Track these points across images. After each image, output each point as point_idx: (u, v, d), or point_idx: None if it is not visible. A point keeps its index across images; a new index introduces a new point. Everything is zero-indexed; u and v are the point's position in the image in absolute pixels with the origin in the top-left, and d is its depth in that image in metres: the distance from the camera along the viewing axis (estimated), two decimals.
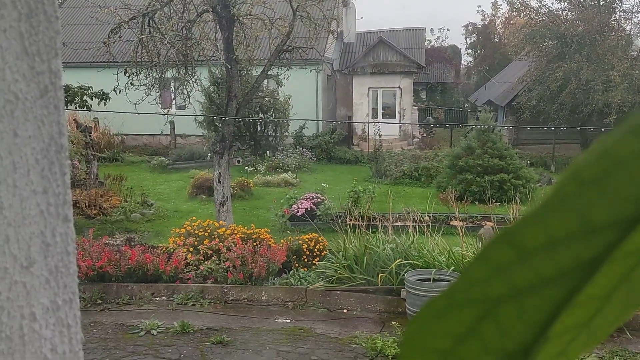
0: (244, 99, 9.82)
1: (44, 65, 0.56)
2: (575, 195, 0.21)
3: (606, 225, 0.21)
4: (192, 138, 20.38)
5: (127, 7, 9.01)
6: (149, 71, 9.20)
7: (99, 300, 7.27)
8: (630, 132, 0.20)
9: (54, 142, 0.57)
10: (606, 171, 0.20)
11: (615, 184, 0.21)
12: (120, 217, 11.17)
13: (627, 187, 0.21)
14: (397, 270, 7.08)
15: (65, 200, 0.59)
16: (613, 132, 0.21)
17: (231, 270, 7.37)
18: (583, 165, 0.21)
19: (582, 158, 0.21)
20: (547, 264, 0.22)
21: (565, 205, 0.21)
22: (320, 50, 16.93)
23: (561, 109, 17.95)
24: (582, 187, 0.21)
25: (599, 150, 0.21)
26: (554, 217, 0.21)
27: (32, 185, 0.55)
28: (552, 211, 0.21)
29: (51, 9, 0.57)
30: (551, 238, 0.22)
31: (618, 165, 0.20)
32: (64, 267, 0.60)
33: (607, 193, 0.21)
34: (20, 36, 0.53)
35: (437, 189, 13.42)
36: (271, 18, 9.59)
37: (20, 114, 0.53)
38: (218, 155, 9.54)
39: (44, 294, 0.56)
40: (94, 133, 15.25)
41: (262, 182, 15.43)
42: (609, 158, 0.20)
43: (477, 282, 0.23)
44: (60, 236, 0.58)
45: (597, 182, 0.21)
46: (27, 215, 0.54)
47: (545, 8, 19.58)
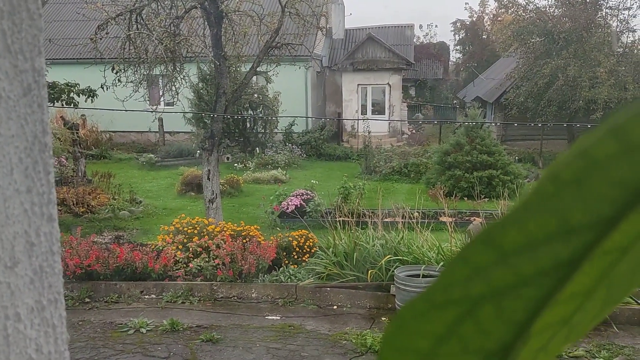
0: (233, 95, 9.78)
1: (27, 64, 0.55)
2: (554, 196, 0.21)
3: (584, 226, 0.21)
4: (181, 135, 20.27)
5: (114, 2, 8.92)
6: (136, 68, 9.13)
7: (87, 298, 7.22)
8: (608, 133, 0.20)
9: (37, 141, 0.57)
10: (584, 172, 0.21)
11: (593, 185, 0.21)
12: (109, 214, 11.09)
13: (605, 188, 0.21)
14: (387, 267, 7.10)
15: (49, 200, 0.59)
16: (592, 133, 0.21)
17: (221, 268, 7.35)
18: (561, 166, 0.21)
19: (560, 159, 0.21)
20: (527, 264, 0.22)
21: (543, 206, 0.21)
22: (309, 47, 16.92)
23: (548, 105, 18.09)
24: (560, 188, 0.21)
25: (578, 151, 0.21)
26: (533, 218, 0.22)
27: (16, 185, 0.54)
28: (530, 212, 0.22)
29: (34, 6, 0.56)
30: (530, 239, 0.22)
31: (596, 166, 0.20)
32: (48, 266, 0.59)
33: (585, 194, 0.21)
34: (3, 34, 0.53)
35: (426, 185, 13.47)
36: (260, 14, 9.55)
37: (3, 113, 0.52)
38: (207, 152, 9.50)
39: (28, 294, 0.56)
40: (81, 130, 15.10)
41: (252, 179, 15.40)
42: (587, 159, 0.21)
43: (456, 283, 0.23)
44: (45, 236, 0.58)
45: (576, 183, 0.21)
46: (11, 214, 0.53)
47: (533, 5, 19.72)
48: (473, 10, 41.47)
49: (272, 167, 16.76)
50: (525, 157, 18.18)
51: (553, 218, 0.21)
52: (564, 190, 0.21)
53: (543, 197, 0.21)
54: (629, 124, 0.20)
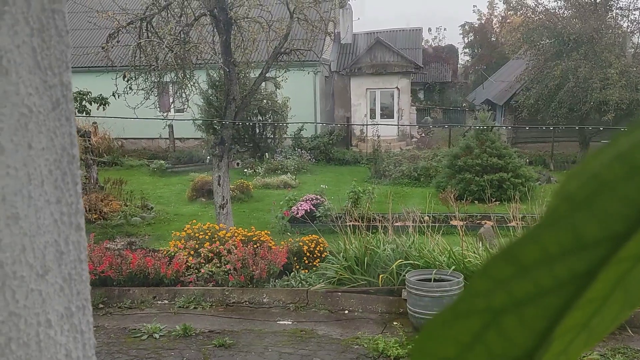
0: (242, 101, 9.84)
1: (55, 79, 0.57)
2: (568, 215, 0.24)
3: (598, 241, 0.24)
4: (191, 141, 20.39)
5: (125, 11, 9.02)
6: (147, 75, 9.22)
7: (101, 304, 7.28)
8: (616, 158, 0.23)
9: (66, 153, 0.59)
10: (595, 193, 0.23)
11: (604, 204, 0.23)
12: (121, 221, 11.17)
13: (616, 206, 0.23)
14: (398, 271, 7.09)
15: (77, 209, 0.61)
16: (601, 157, 0.23)
17: (232, 273, 7.38)
18: (574, 188, 0.24)
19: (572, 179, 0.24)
20: (545, 276, 0.24)
21: (558, 224, 0.24)
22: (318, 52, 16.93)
23: (559, 107, 17.97)
24: (573, 208, 0.23)
25: (589, 173, 0.23)
26: (549, 235, 0.24)
27: (46, 196, 0.56)
28: (546, 230, 0.24)
29: (62, 23, 0.58)
30: (547, 254, 0.24)
31: (606, 187, 0.23)
32: (77, 274, 0.61)
33: (598, 212, 0.23)
34: (33, 51, 0.55)
35: (436, 188, 13.43)
36: (268, 21, 9.61)
37: (34, 127, 0.55)
38: (217, 158, 9.55)
39: (58, 301, 0.58)
40: (93, 138, 15.25)
41: (262, 184, 15.44)
42: (597, 181, 0.23)
43: (480, 294, 0.25)
44: (73, 244, 0.60)
45: (587, 202, 0.23)
46: (42, 224, 0.55)
47: (542, 7, 19.62)
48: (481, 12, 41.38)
49: (281, 172, 16.79)
50: (536, 159, 18.06)
51: (568, 234, 0.24)
52: (577, 210, 0.23)
53: (558, 216, 0.24)
54: (635, 149, 0.22)
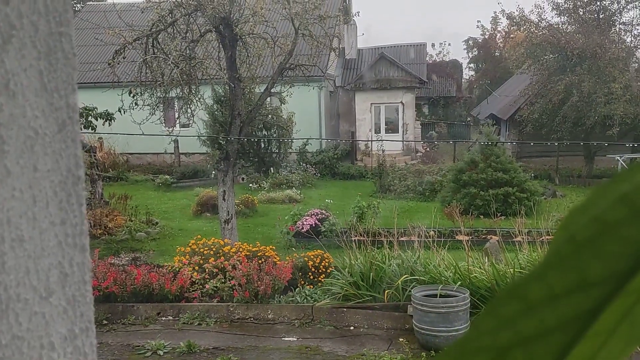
0: (247, 116, 9.88)
1: (62, 101, 0.58)
2: (572, 255, 0.24)
3: (602, 280, 0.24)
4: (196, 156, 20.45)
5: (132, 28, 9.12)
6: (153, 91, 9.29)
7: (105, 320, 7.25)
8: (618, 200, 0.24)
9: (71, 175, 0.59)
10: (599, 234, 0.24)
11: (608, 245, 0.24)
12: (126, 236, 11.18)
13: (619, 247, 0.24)
14: (404, 286, 7.05)
15: (82, 231, 0.61)
16: (602, 197, 0.24)
17: (237, 289, 7.35)
18: (577, 229, 0.24)
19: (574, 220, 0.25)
20: (551, 314, 0.25)
21: (563, 264, 0.25)
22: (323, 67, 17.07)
23: (564, 121, 17.95)
24: (577, 248, 0.24)
25: (591, 215, 0.24)
26: (554, 274, 0.25)
27: (51, 217, 0.56)
28: (551, 269, 0.25)
29: (69, 46, 0.59)
30: (552, 292, 0.25)
31: (609, 229, 0.24)
32: (80, 296, 0.61)
33: (601, 253, 0.24)
34: (40, 74, 0.55)
35: (441, 203, 13.39)
36: (273, 37, 9.69)
37: (40, 149, 0.55)
38: (222, 173, 9.57)
39: (62, 323, 0.57)
40: (98, 153, 15.33)
41: (267, 199, 15.45)
42: (600, 223, 0.24)
43: (486, 332, 0.26)
44: (78, 266, 0.60)
45: (591, 243, 0.24)
46: (46, 246, 0.55)
47: (545, 22, 19.70)
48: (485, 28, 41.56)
49: (286, 187, 16.80)
50: (541, 173, 18.01)
51: (573, 274, 0.24)
52: (581, 250, 0.24)
53: (562, 256, 0.25)
54: (638, 192, 0.23)
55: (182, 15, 8.95)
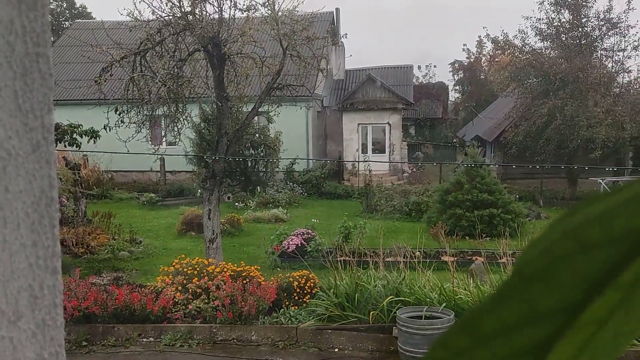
0: (234, 135, 9.88)
1: (37, 122, 0.57)
2: (523, 287, 0.25)
3: (553, 312, 0.25)
4: (183, 174, 20.33)
5: (119, 46, 9.12)
6: (139, 109, 9.26)
7: (85, 342, 7.10)
8: (566, 234, 0.24)
9: (44, 196, 0.58)
10: (548, 267, 0.25)
11: (557, 277, 0.25)
12: (108, 255, 11.02)
13: (568, 279, 0.25)
14: (389, 308, 7.01)
15: (54, 253, 0.60)
16: (551, 232, 0.25)
17: (220, 309, 7.26)
18: (525, 262, 0.25)
19: (524, 255, 0.26)
20: (503, 346, 0.25)
21: (514, 296, 0.25)
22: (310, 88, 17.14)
23: (547, 144, 18.21)
24: (527, 280, 0.25)
25: (539, 249, 0.25)
26: (505, 306, 0.25)
27: (22, 239, 0.55)
28: (502, 302, 0.25)
29: (45, 67, 0.58)
30: (504, 325, 0.25)
31: (556, 261, 0.25)
32: (51, 319, 0.60)
33: (551, 285, 0.25)
34: (15, 94, 0.55)
35: (427, 223, 13.43)
36: (262, 57, 9.75)
37: (12, 170, 0.54)
38: (208, 192, 9.53)
39: (30, 347, 0.56)
40: (83, 170, 15.19)
41: (253, 218, 15.38)
42: (549, 256, 0.25)
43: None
44: (48, 289, 0.59)
45: (541, 276, 0.25)
46: (16, 269, 0.54)
47: (529, 47, 20.09)
48: (470, 51, 42.24)
49: (273, 206, 16.75)
50: (526, 195, 18.17)
51: (524, 306, 0.25)
52: (531, 283, 0.25)
53: (512, 289, 0.25)
54: (582, 227, 0.24)
55: (170, 35, 8.98)
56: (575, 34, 19.39)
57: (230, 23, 9.16)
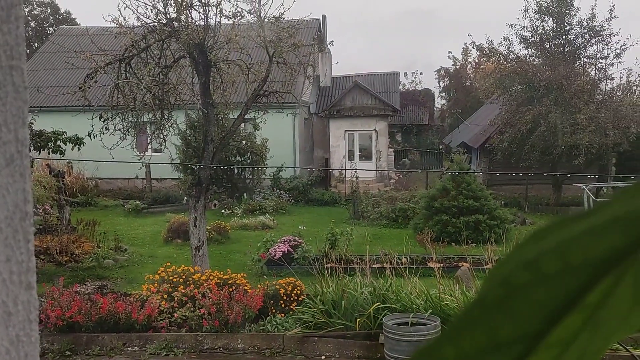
0: (220, 142, 9.85)
1: (10, 135, 0.56)
2: (481, 317, 0.25)
3: (512, 340, 0.25)
4: (168, 181, 20.21)
5: (104, 52, 9.06)
6: (124, 116, 9.20)
7: (68, 351, 7.00)
8: (521, 266, 0.25)
9: (18, 210, 0.57)
10: (506, 297, 0.25)
11: (515, 307, 0.25)
12: (93, 263, 10.90)
13: (525, 308, 0.25)
14: (375, 314, 7.01)
15: (28, 268, 0.59)
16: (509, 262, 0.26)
17: (206, 318, 7.21)
18: (485, 292, 0.26)
19: (485, 285, 0.26)
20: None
21: (473, 326, 0.25)
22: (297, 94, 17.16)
23: (532, 150, 18.41)
24: (486, 310, 0.25)
25: (499, 279, 0.25)
26: (465, 335, 0.25)
27: None
28: (462, 331, 0.25)
29: (20, 80, 0.58)
30: (463, 354, 0.25)
31: (515, 291, 0.25)
32: (25, 335, 0.59)
33: (509, 314, 0.25)
34: None
35: (413, 230, 13.47)
36: (248, 63, 9.74)
37: None
38: (194, 199, 9.47)
39: None
40: (67, 177, 15.03)
41: (239, 225, 15.31)
42: (507, 286, 0.25)
43: None
44: (23, 304, 0.58)
45: (499, 306, 0.25)
46: None
47: (513, 54, 20.32)
48: (456, 58, 42.62)
49: (259, 213, 16.70)
50: (511, 201, 18.32)
51: (483, 335, 0.25)
52: (490, 312, 0.25)
53: (472, 318, 0.25)
54: (540, 257, 0.25)
55: (155, 41, 8.95)
56: (558, 41, 19.66)
57: (216, 30, 9.14)
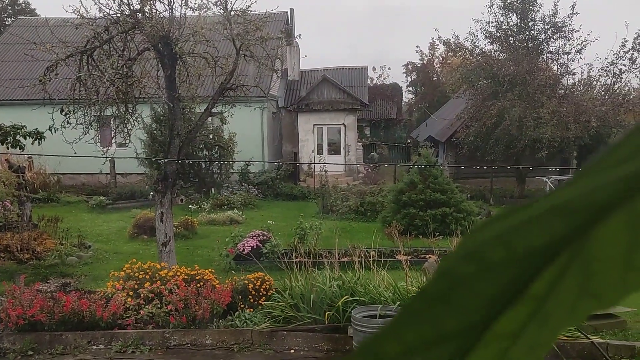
0: (187, 136, 9.70)
1: None
2: (425, 310, 0.25)
3: (458, 331, 0.25)
4: (134, 176, 19.85)
5: (65, 44, 8.80)
6: (86, 109, 8.96)
7: (30, 351, 6.82)
8: (463, 257, 0.25)
9: None
10: (449, 289, 0.25)
11: (458, 298, 0.25)
12: (55, 261, 10.62)
13: (469, 299, 0.25)
14: (344, 308, 7.04)
15: None
16: (451, 257, 0.25)
17: (173, 314, 7.11)
18: (427, 285, 0.25)
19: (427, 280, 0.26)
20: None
21: (417, 319, 0.25)
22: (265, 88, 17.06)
23: (497, 144, 18.77)
24: (429, 303, 0.25)
25: (440, 271, 0.25)
26: (409, 329, 0.25)
27: None
28: (405, 324, 0.25)
29: None
30: (408, 347, 0.25)
31: (458, 282, 0.25)
32: None
33: (453, 306, 0.25)
34: None
35: (382, 223, 13.58)
36: (214, 56, 9.60)
37: None
38: (160, 194, 9.31)
39: None
40: (27, 173, 14.58)
41: (207, 220, 15.16)
42: (450, 278, 0.25)
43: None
44: None
45: (442, 298, 0.25)
46: None
47: (479, 49, 20.63)
48: (423, 53, 42.97)
49: (228, 208, 16.56)
50: (476, 194, 18.65)
51: (427, 327, 0.25)
52: (433, 304, 0.25)
53: (415, 311, 0.25)
54: (483, 248, 0.24)
55: (118, 33, 8.73)
56: (522, 37, 20.05)
57: (181, 22, 8.98)
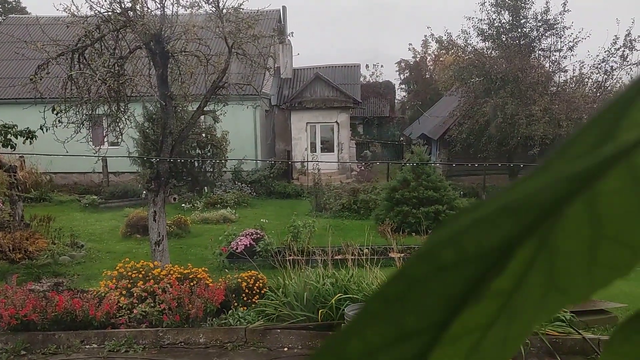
0: (179, 135, 9.67)
1: None
2: (385, 310, 0.25)
3: (419, 330, 0.25)
4: (126, 175, 19.76)
5: (56, 43, 8.74)
6: (78, 108, 8.92)
7: (23, 351, 6.79)
8: (419, 258, 0.25)
9: None
10: (407, 289, 0.25)
11: (415, 298, 0.25)
12: (48, 260, 10.58)
13: (426, 299, 0.25)
14: (337, 305, 7.06)
15: None
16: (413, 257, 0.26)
17: (167, 313, 7.10)
18: (385, 285, 0.25)
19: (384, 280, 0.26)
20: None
21: (377, 319, 0.25)
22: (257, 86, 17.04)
23: (489, 141, 18.84)
24: (388, 304, 0.25)
25: (397, 272, 0.25)
26: (371, 328, 0.25)
27: None
28: (366, 324, 0.25)
29: None
30: (370, 346, 0.25)
31: (414, 283, 0.25)
32: None
33: (412, 306, 0.25)
34: None
35: (375, 221, 13.61)
36: (207, 54, 9.58)
37: None
38: (153, 193, 9.29)
39: None
40: (19, 172, 14.49)
41: (200, 219, 15.13)
42: (406, 278, 0.25)
43: None
44: None
45: (401, 298, 0.25)
46: None
47: (471, 47, 20.69)
48: (416, 50, 43.02)
49: (221, 207, 16.54)
50: (469, 191, 18.72)
51: (389, 326, 0.25)
52: (392, 305, 0.25)
53: (375, 312, 0.25)
54: (435, 250, 0.25)
55: (110, 31, 8.69)
56: (514, 34, 20.13)
57: (173, 20, 8.95)
